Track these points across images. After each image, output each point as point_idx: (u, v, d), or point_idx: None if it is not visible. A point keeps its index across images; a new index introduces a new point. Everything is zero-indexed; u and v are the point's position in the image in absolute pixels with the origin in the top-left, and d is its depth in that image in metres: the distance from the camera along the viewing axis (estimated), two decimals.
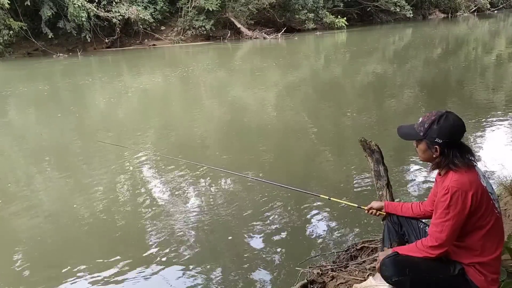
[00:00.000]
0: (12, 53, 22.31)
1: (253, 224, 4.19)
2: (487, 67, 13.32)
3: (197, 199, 4.88)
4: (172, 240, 4.01)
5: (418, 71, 13.25)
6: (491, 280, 2.02)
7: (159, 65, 18.35)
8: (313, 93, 11.14)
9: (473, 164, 2.02)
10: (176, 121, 8.78)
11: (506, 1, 43.00)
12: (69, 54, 22.59)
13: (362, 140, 2.86)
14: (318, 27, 29.66)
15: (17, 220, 4.68)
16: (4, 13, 20.87)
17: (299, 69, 15.12)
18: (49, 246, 4.12)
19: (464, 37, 23.34)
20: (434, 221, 2.02)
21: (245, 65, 16.51)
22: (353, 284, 2.53)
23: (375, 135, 6.65)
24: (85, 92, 12.45)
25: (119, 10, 23.26)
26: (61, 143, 7.50)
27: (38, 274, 3.65)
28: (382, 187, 2.85)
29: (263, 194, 4.76)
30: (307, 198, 4.55)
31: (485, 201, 1.97)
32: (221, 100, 10.76)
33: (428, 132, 2.02)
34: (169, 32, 26.24)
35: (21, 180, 5.86)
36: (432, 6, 37.76)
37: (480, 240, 1.99)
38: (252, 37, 26.25)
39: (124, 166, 6.01)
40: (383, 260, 2.08)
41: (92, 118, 9.42)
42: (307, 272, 2.83)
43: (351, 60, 16.54)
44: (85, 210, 4.74)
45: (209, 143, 7.16)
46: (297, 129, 7.54)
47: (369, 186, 4.78)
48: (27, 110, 10.45)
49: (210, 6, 24.38)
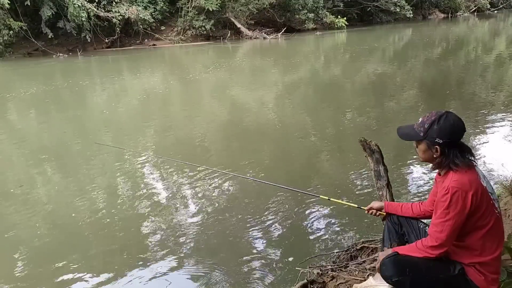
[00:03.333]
0: (12, 53, 22.31)
1: (253, 224, 4.19)
2: (487, 67, 13.31)
3: (197, 199, 4.88)
4: (172, 241, 4.01)
5: (418, 71, 13.25)
6: (491, 280, 2.02)
7: (159, 65, 18.35)
8: (313, 93, 11.14)
9: (473, 164, 2.03)
10: (176, 122, 8.78)
11: (506, 1, 43.02)
12: (69, 54, 22.60)
13: (362, 140, 2.86)
14: (318, 27, 29.70)
15: (17, 220, 4.69)
16: (4, 13, 20.87)
17: (299, 69, 15.12)
18: (49, 246, 4.12)
19: (464, 37, 23.34)
20: (434, 221, 2.02)
21: (245, 65, 16.50)
22: (353, 284, 2.53)
23: (375, 135, 6.65)
24: (85, 92, 12.44)
25: (119, 10, 23.27)
26: (61, 144, 7.49)
27: (38, 274, 3.65)
28: (382, 187, 2.86)
29: (263, 195, 4.76)
30: (307, 199, 4.55)
31: (485, 201, 1.97)
32: (221, 100, 10.76)
33: (428, 133, 2.02)
34: (169, 32, 26.25)
35: (21, 181, 5.87)
36: (432, 6, 37.82)
37: (480, 240, 1.99)
38: (252, 37, 26.26)
39: (124, 167, 6.01)
40: (383, 260, 2.08)
41: (91, 119, 9.42)
42: (307, 272, 2.83)
43: (351, 60, 16.54)
44: (85, 211, 4.74)
45: (208, 143, 7.16)
46: (297, 129, 7.54)
47: (369, 186, 4.78)
48: (27, 111, 10.44)
49: (210, 6, 24.38)
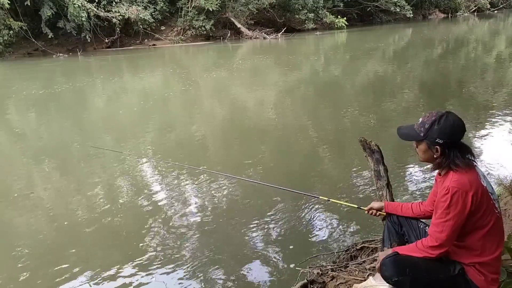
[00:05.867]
0: (12, 53, 22.32)
1: (253, 225, 4.19)
2: (487, 67, 13.31)
3: (197, 201, 4.87)
4: (172, 241, 4.01)
5: (418, 71, 13.25)
6: (491, 280, 2.02)
7: (159, 65, 18.34)
8: (313, 93, 11.14)
9: (473, 164, 2.03)
10: (176, 122, 8.77)
11: (506, 1, 43.03)
12: (69, 54, 22.60)
13: (362, 140, 2.86)
14: (318, 27, 29.70)
15: (17, 219, 4.69)
16: (4, 13, 20.88)
17: (299, 69, 15.12)
18: (49, 246, 4.12)
19: (464, 37, 23.34)
20: (434, 221, 2.02)
21: (245, 65, 16.49)
22: (353, 284, 2.53)
23: (375, 135, 6.65)
24: (85, 92, 12.44)
25: (119, 10, 23.28)
26: (60, 145, 7.49)
27: (38, 274, 3.65)
28: (382, 187, 2.85)
29: (262, 196, 4.75)
30: (307, 199, 4.54)
31: (485, 201, 1.97)
32: (221, 100, 10.76)
33: (428, 133, 2.02)
34: (169, 32, 26.25)
35: (21, 181, 5.87)
36: (432, 6, 37.82)
37: (480, 240, 1.99)
38: (252, 37, 26.26)
39: (124, 168, 6.00)
40: (383, 260, 2.08)
41: (91, 119, 9.41)
42: (307, 272, 2.82)
43: (351, 60, 16.54)
44: (85, 211, 4.74)
45: (208, 144, 7.16)
46: (297, 129, 7.53)
47: (369, 187, 4.78)
48: (26, 111, 10.43)
49: (210, 6, 24.39)
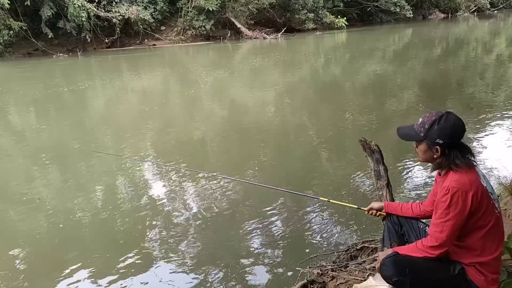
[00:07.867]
0: (12, 53, 22.31)
1: (253, 225, 4.18)
2: (487, 67, 13.31)
3: (197, 202, 4.87)
4: (172, 242, 4.01)
5: (418, 71, 13.25)
6: (491, 280, 2.02)
7: (159, 65, 18.33)
8: (313, 94, 11.14)
9: (473, 164, 2.03)
10: (176, 123, 8.76)
11: (506, 1, 43.02)
12: (69, 54, 22.59)
13: (362, 140, 2.85)
14: (318, 27, 29.70)
15: (17, 219, 4.69)
16: (4, 13, 20.87)
17: (299, 69, 15.12)
18: (49, 246, 4.12)
19: (464, 37, 23.34)
20: (434, 221, 2.02)
21: (245, 65, 16.50)
22: (353, 284, 2.53)
23: (375, 135, 6.65)
24: (85, 92, 12.42)
25: (119, 10, 23.27)
26: (60, 145, 7.49)
27: (38, 274, 3.65)
28: (382, 187, 2.86)
29: (262, 197, 4.75)
30: (307, 200, 4.54)
31: (485, 201, 1.97)
32: (221, 101, 10.76)
33: (428, 133, 2.02)
34: (169, 32, 26.24)
35: (21, 180, 5.87)
36: (432, 6, 37.84)
37: (480, 240, 1.99)
38: (252, 37, 26.26)
39: (124, 170, 6.00)
40: (383, 260, 2.08)
41: (91, 120, 9.41)
42: (307, 272, 2.82)
43: (351, 60, 16.54)
44: (85, 212, 4.74)
45: (208, 145, 7.15)
46: (297, 130, 7.53)
47: (369, 187, 4.78)
48: (26, 112, 10.43)
49: (210, 6, 24.38)
